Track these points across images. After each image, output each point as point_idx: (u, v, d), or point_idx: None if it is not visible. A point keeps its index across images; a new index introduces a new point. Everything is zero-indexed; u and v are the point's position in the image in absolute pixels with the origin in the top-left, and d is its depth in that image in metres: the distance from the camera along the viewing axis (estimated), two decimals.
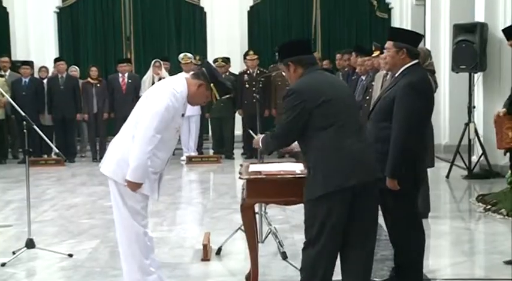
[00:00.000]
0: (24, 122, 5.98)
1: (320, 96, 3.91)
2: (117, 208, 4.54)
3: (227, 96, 4.74)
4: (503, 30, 6.23)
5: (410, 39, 4.58)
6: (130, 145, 4.40)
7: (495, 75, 9.63)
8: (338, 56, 11.15)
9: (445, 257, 5.90)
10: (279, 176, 4.41)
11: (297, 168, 4.62)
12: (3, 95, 11.95)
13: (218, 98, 4.54)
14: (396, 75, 4.57)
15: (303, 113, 3.88)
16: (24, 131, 6.04)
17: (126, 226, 4.51)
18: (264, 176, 4.39)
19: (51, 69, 13.13)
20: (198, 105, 4.79)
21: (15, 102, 11.90)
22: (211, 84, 4.45)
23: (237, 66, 13.36)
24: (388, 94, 4.49)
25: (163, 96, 4.33)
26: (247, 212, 4.47)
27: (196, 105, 4.71)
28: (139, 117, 4.41)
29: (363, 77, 9.26)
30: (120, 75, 12.42)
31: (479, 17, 9.87)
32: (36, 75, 12.97)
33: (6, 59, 12.98)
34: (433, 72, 6.70)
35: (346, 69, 10.39)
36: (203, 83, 4.45)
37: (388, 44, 4.58)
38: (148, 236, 4.62)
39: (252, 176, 4.41)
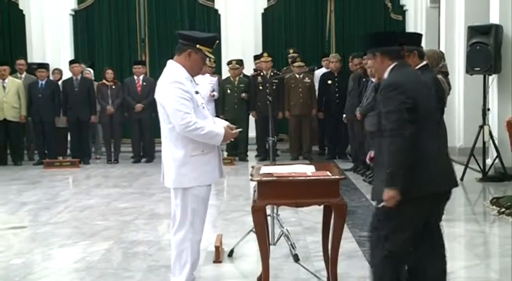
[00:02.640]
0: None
1: (419, 94, 3.86)
2: (183, 217, 4.53)
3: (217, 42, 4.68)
4: None
5: (417, 41, 4.57)
6: (174, 149, 4.44)
7: (509, 77, 9.58)
8: (351, 58, 11.20)
9: (458, 260, 5.86)
10: (290, 178, 4.41)
11: (308, 170, 4.62)
12: (19, 97, 12.17)
13: (210, 51, 4.53)
14: None
15: (405, 107, 3.78)
16: None
17: (187, 235, 4.54)
18: (274, 178, 4.39)
19: (66, 72, 13.19)
20: (201, 71, 4.75)
21: (31, 104, 12.20)
22: (197, 46, 4.46)
23: (251, 68, 13.38)
24: None
25: (170, 90, 4.36)
26: (259, 214, 4.46)
27: (200, 73, 4.69)
28: (167, 121, 4.45)
29: (373, 79, 9.28)
30: (135, 77, 12.49)
31: (494, 19, 9.82)
32: (50, 77, 13.06)
33: (22, 61, 13.09)
34: (446, 74, 6.70)
35: (358, 71, 10.40)
36: (190, 51, 4.46)
37: None
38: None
39: (262, 178, 4.41)
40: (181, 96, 4.33)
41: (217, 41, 4.70)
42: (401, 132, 3.74)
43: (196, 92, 4.50)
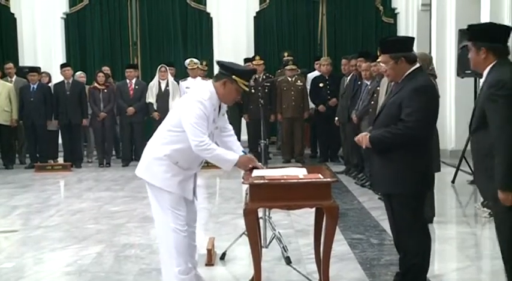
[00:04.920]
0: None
1: None
2: (154, 207, 4.75)
3: (254, 77, 4.87)
4: None
5: (404, 46, 4.57)
6: (159, 145, 4.63)
7: None
8: (344, 61, 11.18)
9: (450, 262, 5.89)
10: (281, 181, 4.41)
11: (300, 173, 4.62)
12: (10, 101, 12.14)
13: (246, 84, 4.66)
14: (399, 81, 4.55)
15: None
16: None
17: (162, 227, 4.70)
18: (266, 181, 4.40)
19: (57, 75, 13.16)
20: (234, 101, 4.91)
21: (23, 108, 12.18)
22: (233, 77, 4.59)
23: None
24: (394, 100, 4.48)
25: (193, 107, 4.50)
26: (250, 217, 4.46)
27: (232, 102, 4.91)
28: (172, 123, 4.63)
29: (368, 82, 9.30)
30: (127, 81, 12.48)
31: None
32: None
33: (10, 65, 13.02)
34: (435, 77, 6.74)
35: (352, 74, 10.40)
36: (226, 80, 4.61)
37: (384, 57, 4.52)
38: (189, 240, 4.79)
39: (254, 181, 4.42)
40: (201, 116, 4.47)
41: (254, 75, 4.83)
42: (510, 128, 3.78)
43: (213, 121, 4.66)
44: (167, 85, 12.23)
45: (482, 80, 4.10)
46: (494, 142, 3.85)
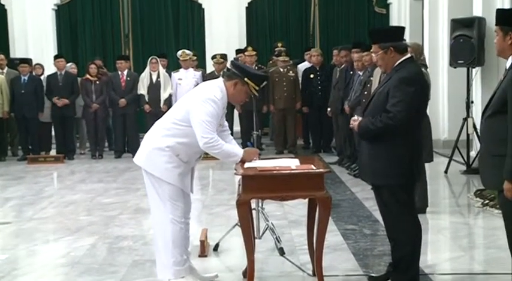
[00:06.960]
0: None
1: None
2: (151, 197, 4.74)
3: (265, 83, 4.90)
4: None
5: (393, 36, 4.56)
6: (161, 138, 4.63)
7: (493, 70, 9.62)
8: (335, 52, 11.17)
9: (443, 252, 5.90)
10: (274, 172, 4.41)
11: (293, 164, 4.62)
12: (1, 93, 12.08)
13: (257, 88, 4.69)
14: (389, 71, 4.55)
15: None
16: None
17: (160, 218, 4.70)
18: (259, 172, 4.39)
19: (48, 67, 13.11)
20: (242, 102, 4.98)
21: (14, 100, 12.12)
22: (245, 79, 4.62)
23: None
24: (382, 90, 4.49)
25: (206, 105, 4.52)
26: (243, 208, 4.46)
27: (240, 103, 4.96)
28: (178, 117, 4.64)
29: (360, 73, 9.30)
30: (119, 72, 12.44)
31: (477, 11, 9.86)
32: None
33: (1, 56, 12.89)
34: (426, 67, 6.74)
35: (343, 65, 10.39)
36: (237, 81, 4.65)
37: (374, 47, 4.54)
38: (184, 232, 4.80)
39: (247, 172, 4.41)
40: (212, 114, 4.52)
41: (266, 82, 4.88)
42: None
43: (221, 118, 4.73)
44: (158, 77, 12.18)
45: (508, 65, 4.00)
46: (510, 128, 3.73)
